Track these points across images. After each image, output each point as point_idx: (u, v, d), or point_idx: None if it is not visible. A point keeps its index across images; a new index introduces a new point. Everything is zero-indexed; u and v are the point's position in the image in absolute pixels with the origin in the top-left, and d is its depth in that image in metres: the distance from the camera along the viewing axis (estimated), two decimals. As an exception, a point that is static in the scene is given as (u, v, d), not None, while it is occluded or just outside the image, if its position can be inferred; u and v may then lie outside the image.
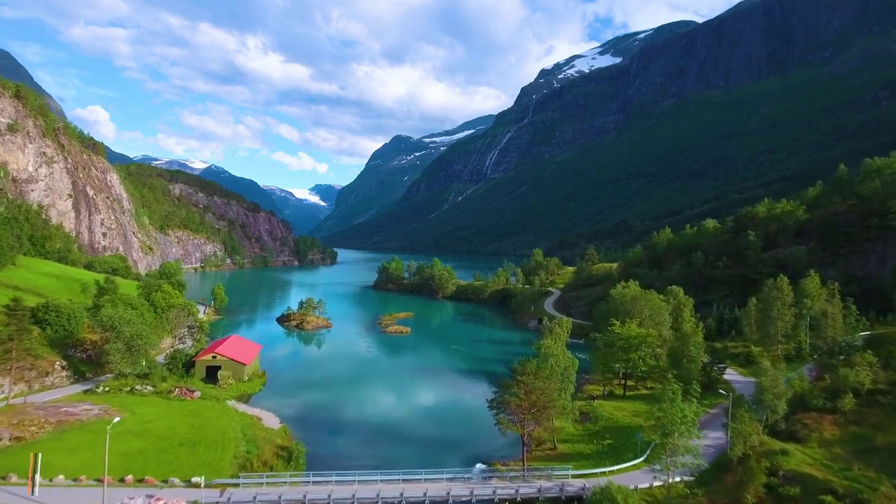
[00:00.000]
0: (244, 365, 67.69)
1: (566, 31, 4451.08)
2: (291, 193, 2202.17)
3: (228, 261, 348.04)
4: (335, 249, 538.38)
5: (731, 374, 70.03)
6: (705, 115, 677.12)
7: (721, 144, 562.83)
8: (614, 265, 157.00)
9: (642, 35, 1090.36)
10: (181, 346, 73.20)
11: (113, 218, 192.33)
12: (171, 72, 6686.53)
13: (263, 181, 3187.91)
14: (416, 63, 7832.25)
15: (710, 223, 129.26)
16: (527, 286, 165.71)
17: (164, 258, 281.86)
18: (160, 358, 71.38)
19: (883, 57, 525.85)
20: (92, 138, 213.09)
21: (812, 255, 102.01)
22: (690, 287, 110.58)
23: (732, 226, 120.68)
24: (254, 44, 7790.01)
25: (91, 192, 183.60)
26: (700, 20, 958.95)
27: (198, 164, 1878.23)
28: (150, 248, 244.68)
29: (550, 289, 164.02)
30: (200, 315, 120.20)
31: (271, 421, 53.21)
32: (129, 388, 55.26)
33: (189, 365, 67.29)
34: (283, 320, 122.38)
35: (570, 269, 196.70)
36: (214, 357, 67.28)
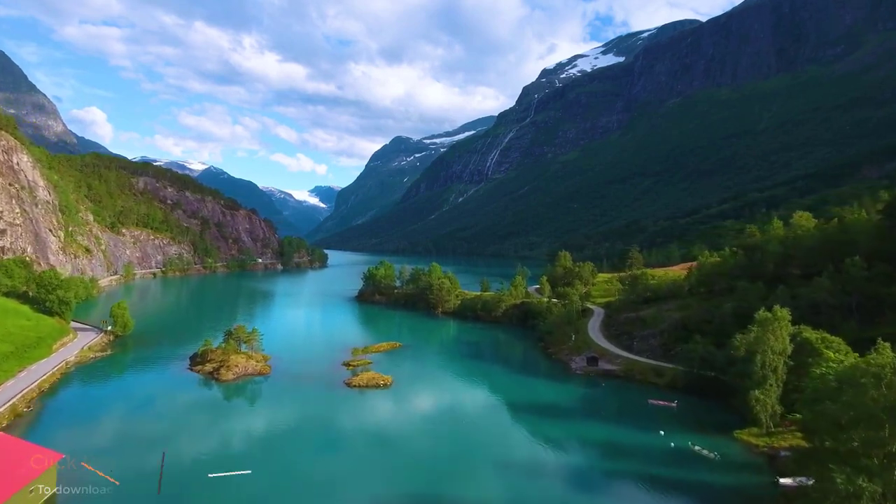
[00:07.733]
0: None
1: (567, 30, 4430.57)
2: (291, 195, 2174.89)
3: (197, 264, 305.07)
4: (329, 251, 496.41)
5: None
6: (713, 113, 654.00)
7: (730, 143, 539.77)
8: (680, 272, 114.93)
9: (645, 34, 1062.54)
10: None
11: (18, 211, 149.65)
12: (166, 71, 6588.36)
13: (262, 182, 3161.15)
14: (413, 62, 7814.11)
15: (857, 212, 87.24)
16: (554, 300, 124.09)
17: (114, 262, 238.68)
18: None
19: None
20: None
21: None
22: (844, 313, 69.26)
23: (884, 215, 79.42)
24: (249, 42, 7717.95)
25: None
26: (701, 18, 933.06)
27: (197, 166, 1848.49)
28: (88, 251, 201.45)
29: (588, 305, 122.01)
30: (67, 354, 77.96)
31: None
32: None
33: None
34: (196, 361, 78.76)
35: (606, 276, 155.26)
36: None
